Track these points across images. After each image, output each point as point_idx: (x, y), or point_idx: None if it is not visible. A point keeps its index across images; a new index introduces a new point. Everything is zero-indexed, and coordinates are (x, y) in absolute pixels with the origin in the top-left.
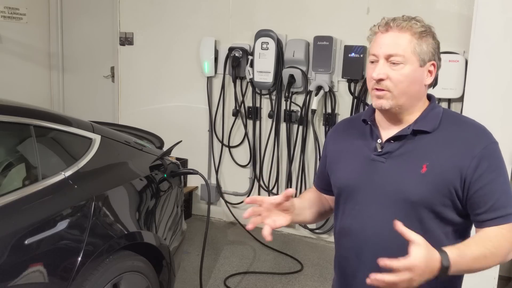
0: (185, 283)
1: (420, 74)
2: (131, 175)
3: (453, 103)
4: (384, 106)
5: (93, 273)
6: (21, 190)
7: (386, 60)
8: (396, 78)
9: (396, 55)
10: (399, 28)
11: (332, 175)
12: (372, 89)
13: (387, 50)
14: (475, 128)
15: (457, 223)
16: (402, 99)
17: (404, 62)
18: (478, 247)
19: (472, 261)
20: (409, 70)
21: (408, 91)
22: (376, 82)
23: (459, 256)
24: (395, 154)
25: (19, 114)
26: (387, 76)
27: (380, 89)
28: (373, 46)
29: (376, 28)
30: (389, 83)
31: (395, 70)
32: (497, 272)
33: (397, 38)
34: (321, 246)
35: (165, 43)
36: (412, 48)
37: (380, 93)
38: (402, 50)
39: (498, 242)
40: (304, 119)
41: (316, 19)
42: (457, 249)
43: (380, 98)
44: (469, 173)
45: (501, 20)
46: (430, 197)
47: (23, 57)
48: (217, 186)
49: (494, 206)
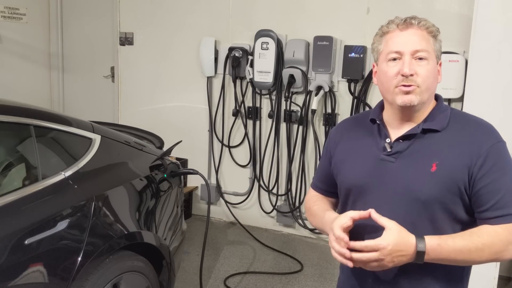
0: (185, 283)
1: (437, 72)
2: (131, 175)
3: (453, 103)
4: (414, 101)
5: (93, 273)
6: (21, 190)
7: (411, 56)
8: (424, 74)
9: (422, 51)
10: (419, 26)
11: (339, 175)
12: (396, 86)
13: (414, 46)
14: (482, 127)
15: (467, 221)
16: (426, 95)
17: (428, 58)
18: (464, 240)
19: (454, 252)
20: (432, 66)
21: (431, 87)
22: (404, 78)
23: (439, 245)
24: (404, 154)
25: (19, 114)
26: (415, 71)
27: (408, 85)
28: (392, 44)
29: (393, 26)
30: (418, 79)
31: (421, 66)
32: (497, 272)
33: (419, 35)
34: (321, 246)
35: (165, 43)
36: (431, 45)
37: (409, 89)
38: (426, 46)
39: (488, 239)
40: (304, 119)
41: (316, 19)
42: (439, 238)
43: (409, 93)
44: (475, 171)
45: (501, 20)
46: (441, 195)
47: (23, 57)
48: (217, 186)
49: (497, 204)
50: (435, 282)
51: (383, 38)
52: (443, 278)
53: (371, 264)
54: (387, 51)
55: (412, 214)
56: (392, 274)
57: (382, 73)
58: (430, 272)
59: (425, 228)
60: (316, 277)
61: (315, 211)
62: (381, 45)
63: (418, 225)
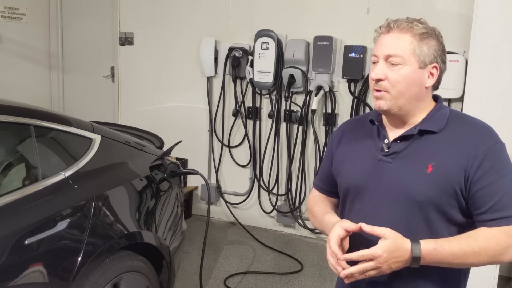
0: (185, 283)
1: (419, 76)
2: (131, 175)
3: (453, 103)
4: (382, 107)
5: (93, 273)
6: (21, 190)
7: (385, 61)
8: (394, 79)
9: (395, 56)
10: (399, 29)
11: (339, 175)
12: (372, 90)
13: (386, 51)
14: (480, 128)
15: (463, 223)
16: (401, 100)
17: (402, 63)
18: (460, 244)
19: (450, 256)
20: (408, 71)
21: (406, 92)
22: (375, 82)
23: (434, 250)
24: (401, 155)
25: (19, 114)
26: (386, 76)
27: (378, 90)
28: (375, 47)
29: (382, 28)
30: (387, 84)
31: (393, 71)
32: (497, 272)
33: (397, 39)
34: (321, 246)
35: (165, 43)
36: (411, 50)
37: (378, 94)
38: (401, 51)
39: (485, 243)
40: (304, 119)
41: (316, 19)
42: (435, 243)
43: (379, 99)
44: (471, 173)
45: (501, 20)
46: (436, 197)
47: (23, 57)
48: (217, 186)
49: (495, 207)
50: (430, 284)
51: (376, 40)
52: (439, 280)
53: (369, 272)
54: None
55: (407, 215)
56: (387, 276)
57: None
58: (425, 274)
59: (420, 228)
60: (316, 277)
61: (316, 212)
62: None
63: (413, 225)
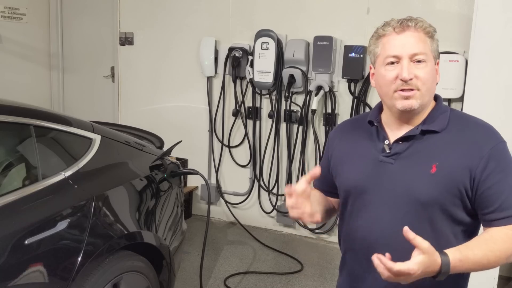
0: (185, 283)
1: (435, 72)
2: (131, 175)
3: (453, 103)
4: (414, 106)
5: (93, 273)
6: (21, 190)
7: (409, 60)
8: (423, 77)
9: (420, 53)
10: (415, 28)
11: (338, 176)
12: (395, 90)
13: (412, 50)
14: (483, 128)
15: (467, 223)
16: (427, 97)
17: (426, 60)
18: (482, 250)
19: (474, 264)
20: (430, 67)
21: (431, 88)
22: (404, 82)
23: (460, 261)
24: (404, 155)
25: (19, 114)
26: (415, 75)
27: (408, 89)
28: (389, 47)
29: (389, 28)
30: (418, 82)
31: (420, 69)
32: (497, 272)
33: (417, 38)
34: (321, 246)
35: (165, 43)
36: (429, 46)
37: (410, 93)
38: (423, 48)
39: (504, 245)
40: (304, 119)
41: (316, 19)
42: (460, 253)
43: (409, 98)
44: (478, 173)
45: (501, 20)
46: (440, 197)
47: (23, 57)
48: (217, 186)
49: (502, 206)
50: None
51: (379, 41)
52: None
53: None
54: (384, 55)
55: (411, 215)
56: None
57: (380, 77)
58: None
59: (424, 229)
60: (316, 277)
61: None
62: (378, 48)
63: (417, 225)
